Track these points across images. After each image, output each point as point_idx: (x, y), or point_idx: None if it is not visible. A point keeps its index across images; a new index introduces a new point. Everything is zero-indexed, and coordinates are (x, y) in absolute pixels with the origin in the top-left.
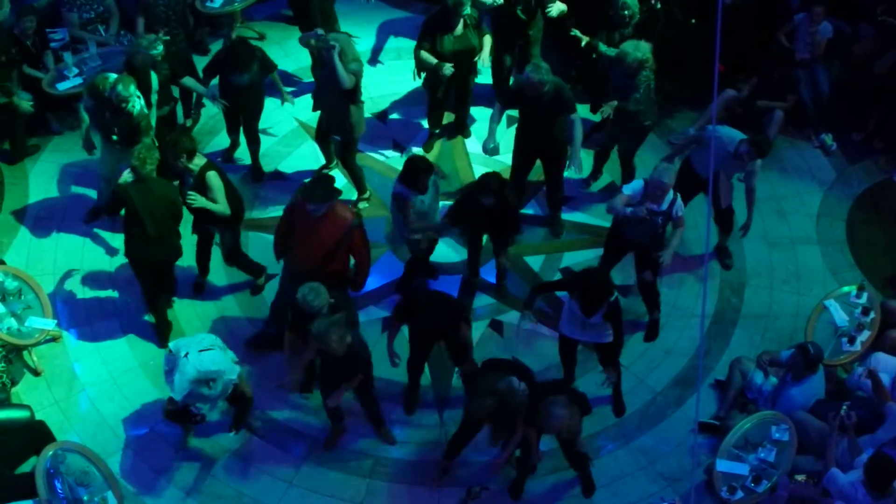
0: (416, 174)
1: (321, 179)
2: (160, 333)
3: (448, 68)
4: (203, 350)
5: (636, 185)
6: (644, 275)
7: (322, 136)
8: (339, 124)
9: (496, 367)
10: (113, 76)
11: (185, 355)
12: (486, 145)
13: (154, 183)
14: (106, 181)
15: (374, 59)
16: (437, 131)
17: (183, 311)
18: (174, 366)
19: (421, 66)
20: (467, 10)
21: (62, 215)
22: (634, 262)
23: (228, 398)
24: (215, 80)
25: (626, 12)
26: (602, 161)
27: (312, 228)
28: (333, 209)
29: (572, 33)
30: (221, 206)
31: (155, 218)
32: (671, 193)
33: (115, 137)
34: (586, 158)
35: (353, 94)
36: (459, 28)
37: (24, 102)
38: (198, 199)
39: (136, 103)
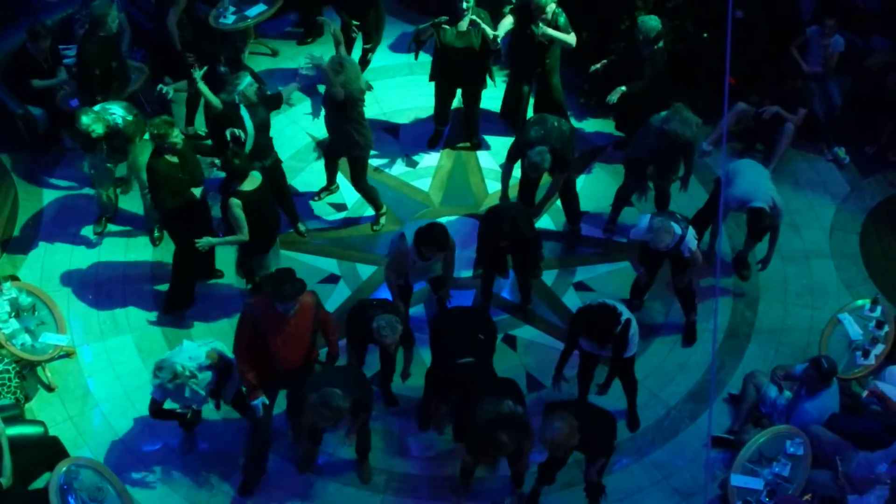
0: (430, 242)
1: (284, 276)
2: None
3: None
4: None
5: (642, 223)
6: (676, 280)
7: (329, 157)
8: (345, 144)
9: (493, 390)
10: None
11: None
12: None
13: (162, 162)
14: (98, 182)
15: (386, 75)
16: (443, 128)
17: (196, 328)
18: None
19: (416, 39)
20: (470, 2)
21: (76, 231)
22: (671, 267)
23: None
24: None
25: (640, 37)
26: (620, 208)
27: (286, 325)
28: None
29: (592, 70)
30: (237, 237)
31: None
32: (676, 233)
33: (109, 165)
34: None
35: (350, 113)
36: (464, 24)
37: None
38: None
39: (110, 120)
